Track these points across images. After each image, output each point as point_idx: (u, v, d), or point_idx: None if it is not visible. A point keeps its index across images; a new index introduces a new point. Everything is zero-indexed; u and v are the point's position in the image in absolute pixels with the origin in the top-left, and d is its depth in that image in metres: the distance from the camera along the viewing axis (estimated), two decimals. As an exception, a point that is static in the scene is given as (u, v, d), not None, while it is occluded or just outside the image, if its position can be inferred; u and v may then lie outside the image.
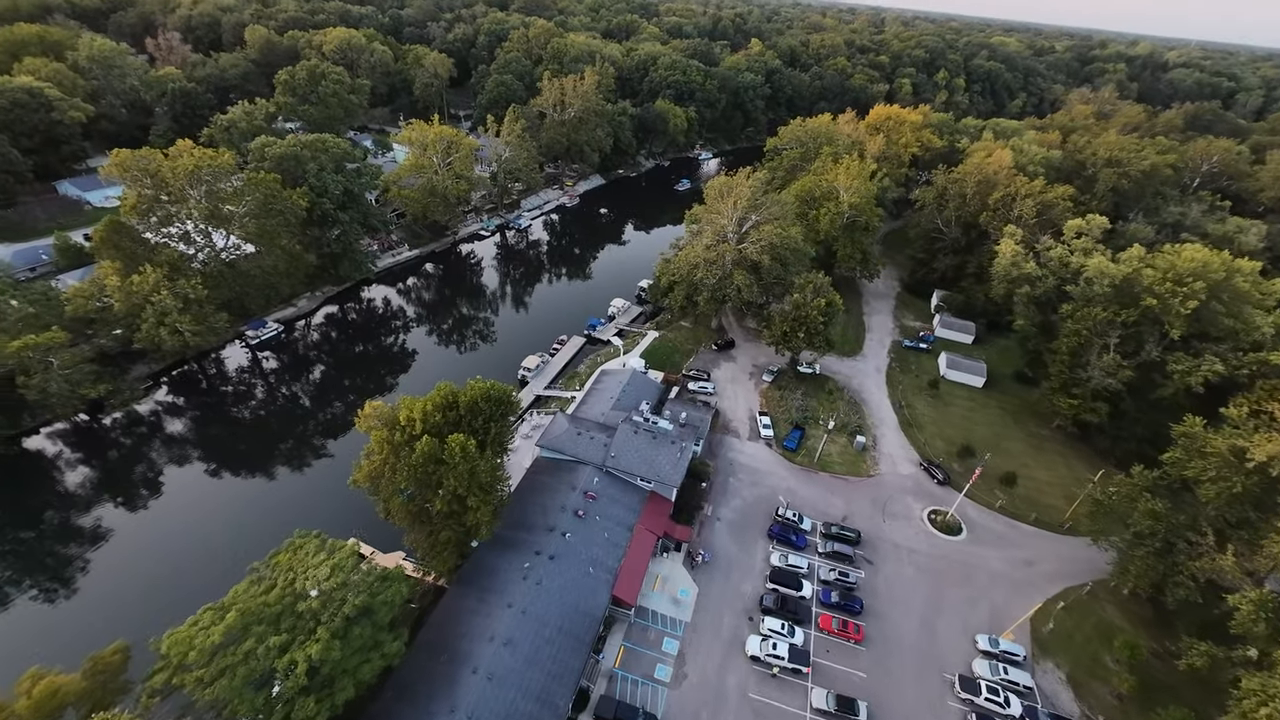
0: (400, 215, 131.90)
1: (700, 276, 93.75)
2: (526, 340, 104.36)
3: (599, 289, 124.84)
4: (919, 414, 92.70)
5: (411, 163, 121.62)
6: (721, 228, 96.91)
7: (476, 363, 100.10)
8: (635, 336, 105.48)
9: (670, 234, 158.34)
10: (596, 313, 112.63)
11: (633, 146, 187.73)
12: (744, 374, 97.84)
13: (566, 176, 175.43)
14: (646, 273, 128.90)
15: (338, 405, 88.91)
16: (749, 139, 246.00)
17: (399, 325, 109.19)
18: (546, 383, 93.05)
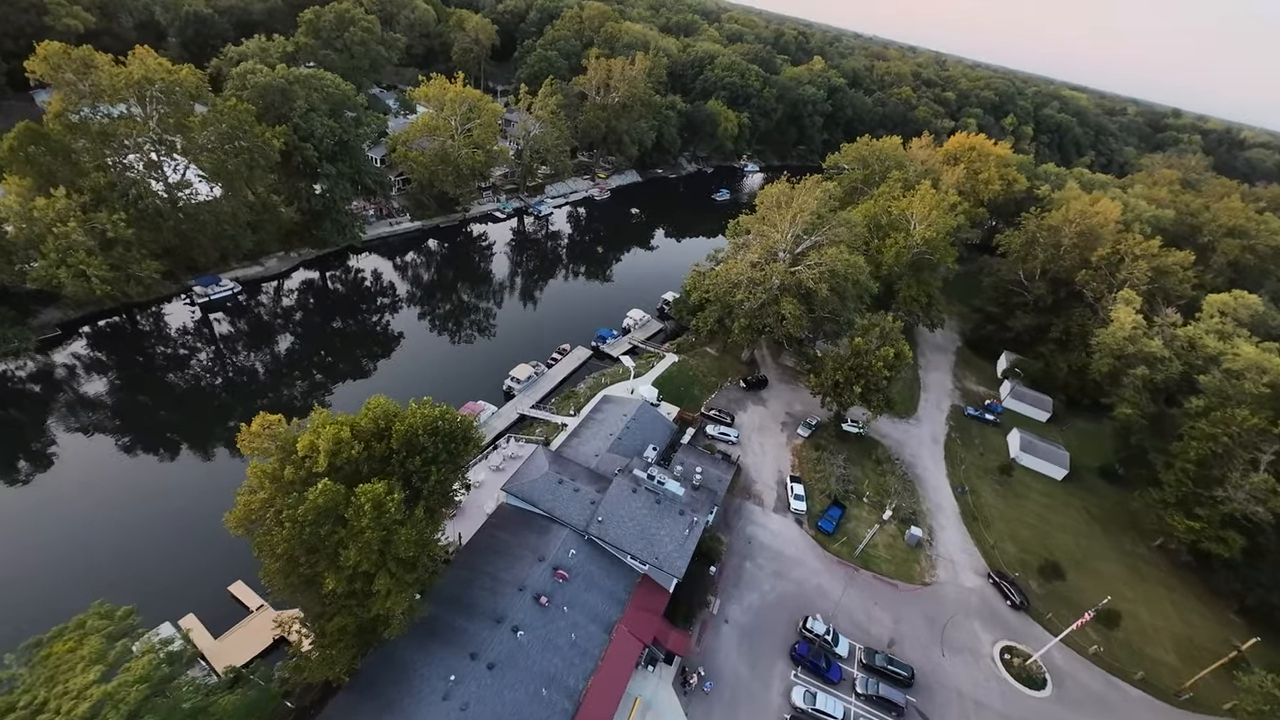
0: (405, 181, 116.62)
1: (740, 298, 76.93)
2: (523, 344, 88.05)
3: (616, 296, 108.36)
4: (985, 505, 74.74)
5: (425, 122, 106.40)
6: (773, 244, 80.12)
7: (460, 362, 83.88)
8: (650, 358, 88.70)
9: (702, 247, 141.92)
10: (609, 322, 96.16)
11: (676, 145, 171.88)
12: (775, 422, 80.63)
13: (600, 168, 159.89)
14: (672, 285, 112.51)
15: (284, 392, 73.09)
16: (799, 157, 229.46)
17: (382, 305, 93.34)
18: (536, 400, 76.54)
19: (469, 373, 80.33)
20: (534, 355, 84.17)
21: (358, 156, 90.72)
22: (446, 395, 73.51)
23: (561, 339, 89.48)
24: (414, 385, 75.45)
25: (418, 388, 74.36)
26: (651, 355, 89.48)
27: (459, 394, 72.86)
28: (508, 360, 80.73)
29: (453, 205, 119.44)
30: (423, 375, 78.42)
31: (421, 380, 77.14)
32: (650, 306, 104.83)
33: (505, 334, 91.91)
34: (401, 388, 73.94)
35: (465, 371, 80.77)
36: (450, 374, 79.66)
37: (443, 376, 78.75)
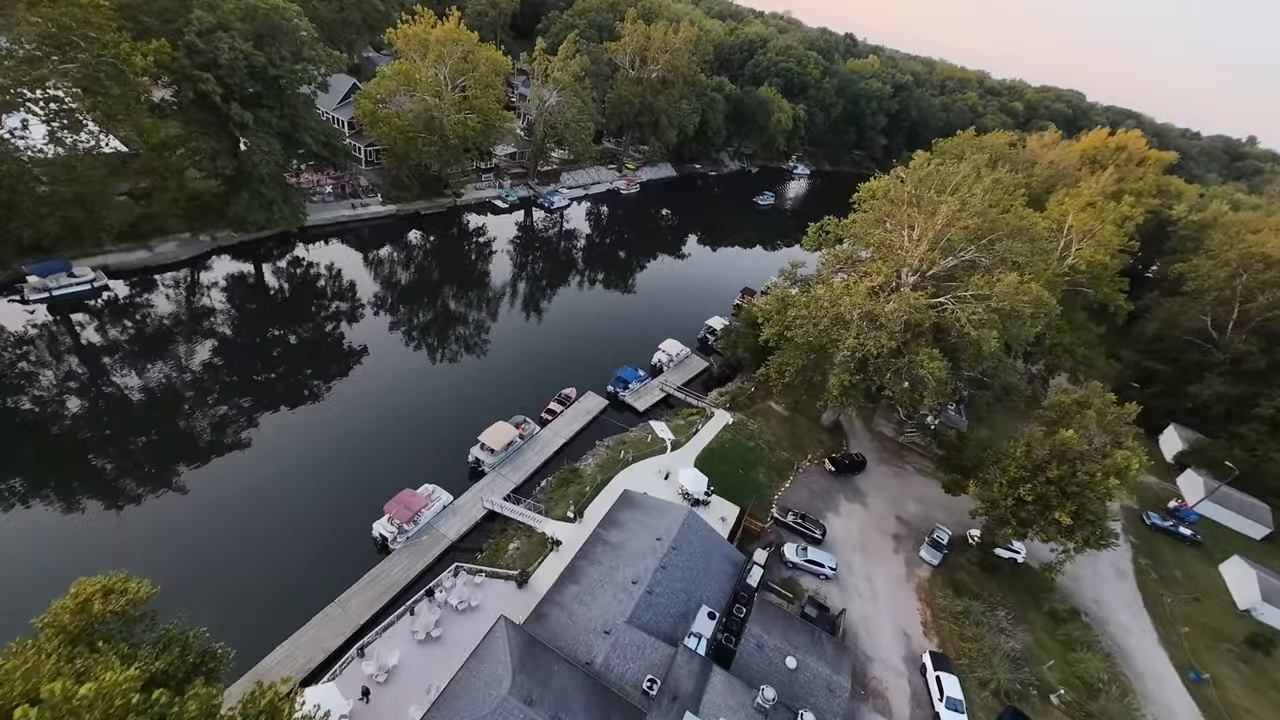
0: (378, 152, 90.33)
1: (850, 342, 48.44)
2: (512, 385, 60.84)
3: (645, 320, 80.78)
4: (1238, 709, 45.57)
5: (401, 70, 79.80)
6: (901, 262, 51.98)
7: (416, 413, 56.45)
8: (691, 416, 60.83)
9: (745, 260, 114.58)
10: (634, 358, 68.65)
11: (721, 137, 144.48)
12: (883, 535, 52.27)
13: (629, 157, 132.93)
14: (716, 306, 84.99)
15: (134, 448, 46.28)
16: (854, 163, 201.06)
17: (319, 318, 66.42)
18: (517, 482, 48.89)
19: (425, 431, 53.02)
20: (525, 405, 56.80)
21: (295, 106, 64.29)
22: (379, 472, 46.75)
23: (566, 379, 62.07)
24: (334, 450, 48.29)
25: (336, 457, 47.31)
26: (693, 412, 61.55)
27: (399, 469, 45.67)
28: (488, 412, 53.33)
29: (440, 188, 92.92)
30: (353, 433, 51.29)
31: (349, 441, 50.06)
32: (688, 336, 77.26)
33: (490, 369, 64.52)
34: (312, 457, 46.97)
35: (419, 429, 53.42)
36: (396, 433, 52.33)
37: (382, 437, 51.51)
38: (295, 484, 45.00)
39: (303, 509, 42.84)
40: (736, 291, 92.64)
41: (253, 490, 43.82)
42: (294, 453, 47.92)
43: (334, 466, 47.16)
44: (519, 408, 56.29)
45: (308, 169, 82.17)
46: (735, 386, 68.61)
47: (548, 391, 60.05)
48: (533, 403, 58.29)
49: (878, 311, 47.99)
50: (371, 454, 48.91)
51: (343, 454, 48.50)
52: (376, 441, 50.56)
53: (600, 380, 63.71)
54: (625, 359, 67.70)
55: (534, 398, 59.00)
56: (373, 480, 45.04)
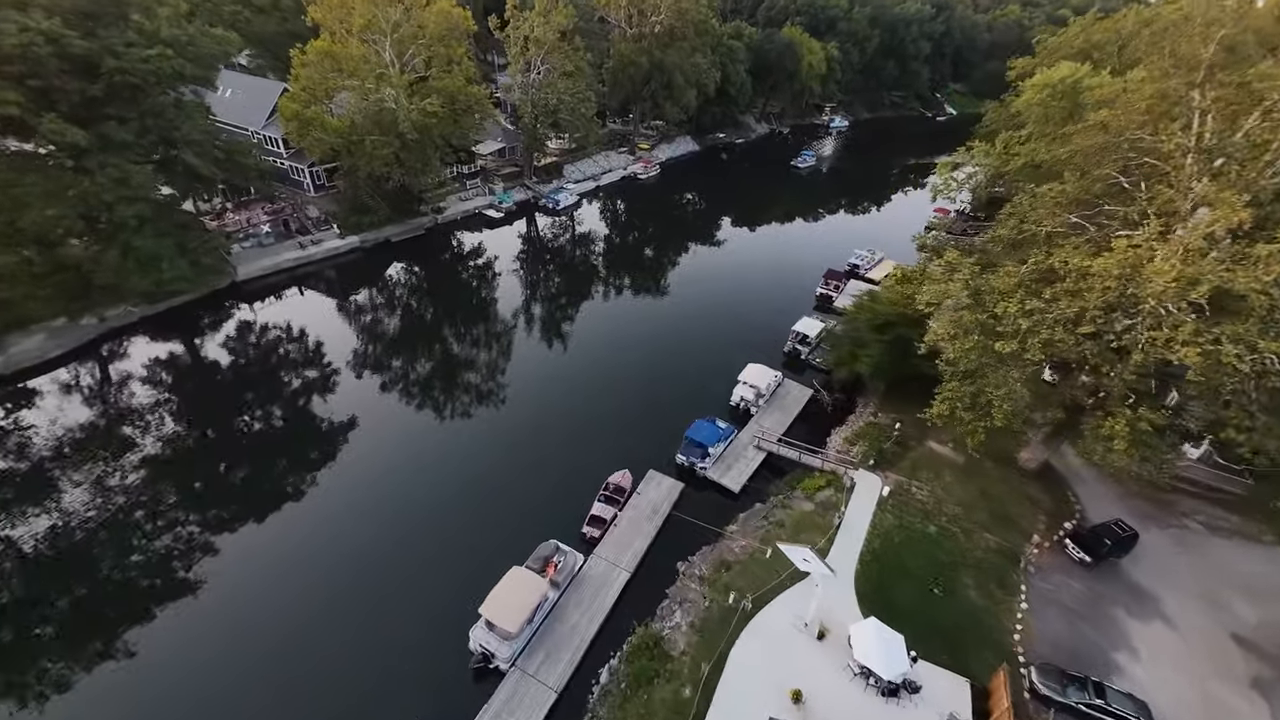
0: (329, 172, 70.22)
1: (1193, 355, 24.21)
2: (533, 480, 39.16)
3: (705, 339, 58.16)
4: None
5: (321, 50, 58.79)
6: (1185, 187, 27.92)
7: (370, 573, 35.10)
8: (819, 491, 37.81)
9: (804, 236, 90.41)
10: (705, 402, 46.23)
11: (745, 95, 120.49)
12: (1231, 685, 28.29)
13: (641, 136, 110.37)
14: (792, 304, 62.50)
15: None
16: (894, 106, 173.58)
17: (268, 397, 45.88)
18: (547, 704, 27.02)
19: (389, 600, 31.75)
20: (554, 511, 35.15)
21: (165, 115, 44.11)
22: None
23: (612, 458, 39.98)
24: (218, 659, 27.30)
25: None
26: (821, 482, 38.47)
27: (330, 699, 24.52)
28: (496, 537, 31.96)
29: (414, 205, 72.31)
30: (264, 610, 30.52)
31: (255, 632, 29.30)
32: (770, 351, 54.45)
33: (496, 453, 42.60)
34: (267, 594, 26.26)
35: (382, 600, 32.23)
36: (331, 616, 31.41)
37: (313, 630, 30.59)
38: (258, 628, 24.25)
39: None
40: (816, 278, 69.35)
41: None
42: (251, 584, 27.35)
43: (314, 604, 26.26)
44: (545, 521, 34.53)
45: (236, 205, 62.51)
46: (866, 423, 45.16)
47: (588, 484, 38.11)
48: (566, 507, 36.44)
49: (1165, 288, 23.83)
50: (305, 652, 27.82)
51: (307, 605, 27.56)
52: (317, 617, 29.43)
53: (664, 447, 41.44)
54: (693, 406, 45.20)
55: (567, 500, 37.12)
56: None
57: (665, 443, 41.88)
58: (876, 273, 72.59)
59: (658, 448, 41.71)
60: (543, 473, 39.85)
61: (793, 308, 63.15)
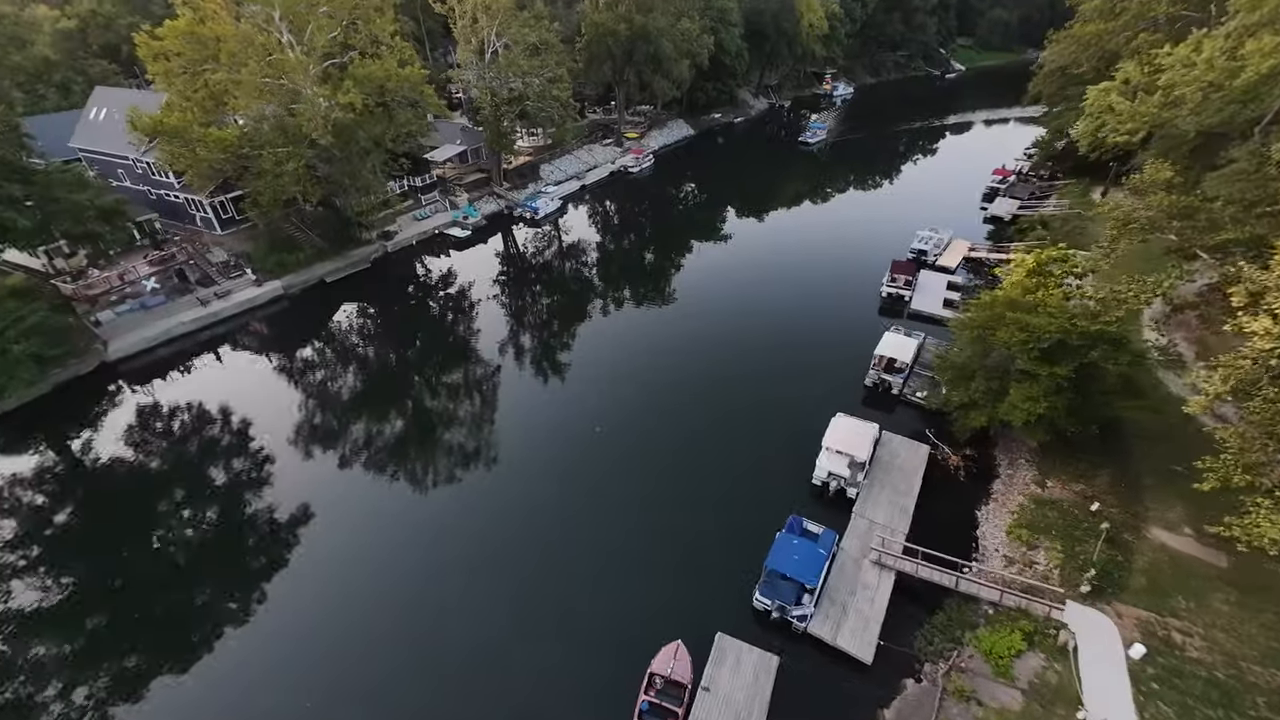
0: (235, 201, 54.29)
1: None
2: (520, 671, 23.55)
3: (750, 382, 42.22)
4: None
5: (181, 30, 43.00)
6: None
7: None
8: (1009, 653, 22.10)
9: (825, 222, 74.46)
10: (775, 482, 30.61)
11: (742, 64, 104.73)
12: None
13: (627, 123, 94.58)
14: (848, 317, 46.40)
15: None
16: (899, 67, 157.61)
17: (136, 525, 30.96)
18: None
19: None
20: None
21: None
22: None
23: (649, 612, 24.40)
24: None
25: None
26: (1006, 633, 22.68)
27: None
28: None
29: (355, 232, 56.56)
30: None
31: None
32: (842, 387, 38.86)
33: (473, 608, 27.25)
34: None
35: None
36: None
37: None
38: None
39: None
40: (871, 272, 53.96)
41: None
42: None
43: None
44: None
45: (101, 258, 46.61)
46: (1029, 499, 29.28)
47: (621, 666, 22.43)
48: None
49: None
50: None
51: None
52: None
53: (726, 579, 25.79)
54: (756, 493, 29.90)
55: (595, 684, 21.50)
56: None
57: (727, 569, 26.27)
58: (950, 258, 56.85)
59: (717, 582, 26.08)
60: (536, 654, 24.10)
61: (858, 317, 47.81)
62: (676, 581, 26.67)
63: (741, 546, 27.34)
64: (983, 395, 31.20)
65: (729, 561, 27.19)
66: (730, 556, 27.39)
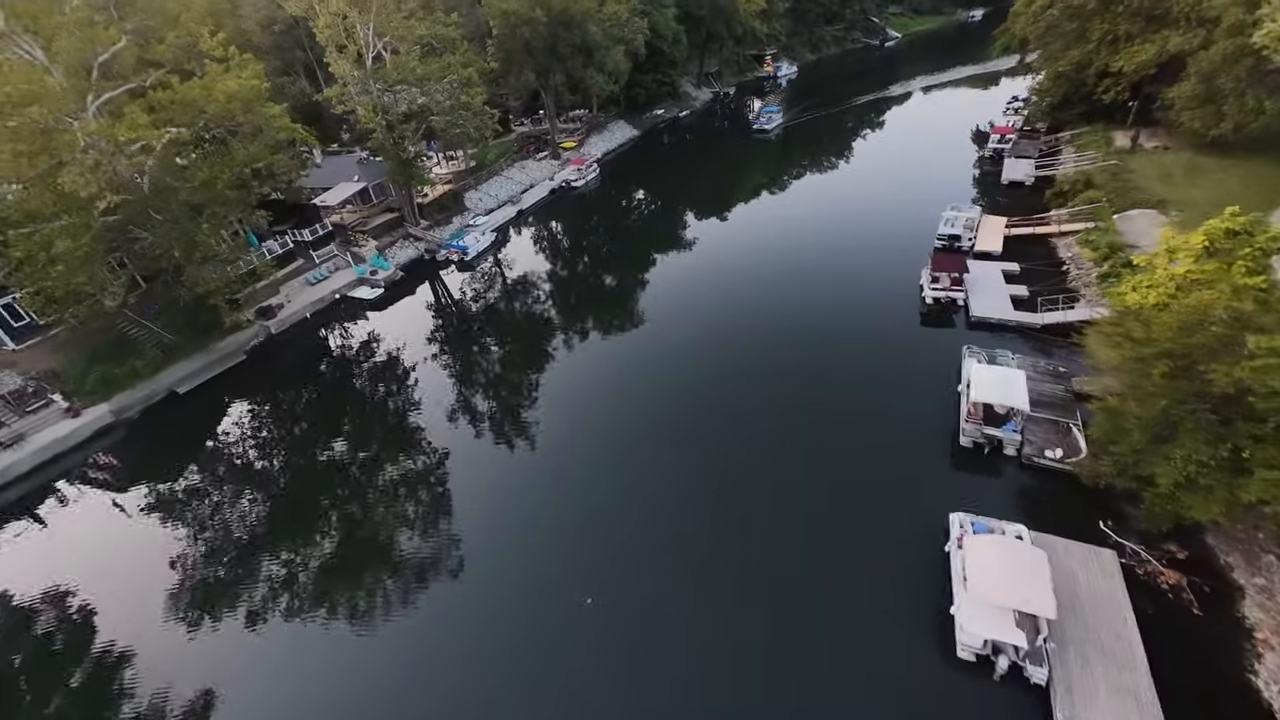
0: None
1: None
2: None
3: (794, 448, 29.46)
4: None
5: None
6: None
7: None
8: None
9: (808, 215, 62.59)
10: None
11: (681, 51, 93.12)
12: None
13: (562, 131, 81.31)
14: (877, 333, 33.52)
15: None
16: (838, 42, 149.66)
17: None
18: None
19: None
20: None
21: None
22: None
23: None
24: None
25: None
26: None
27: None
28: None
29: (217, 319, 41.25)
30: None
31: None
32: (936, 474, 26.24)
33: None
34: None
35: None
36: None
37: None
38: None
39: None
40: (905, 276, 42.33)
41: None
42: None
43: None
44: None
45: None
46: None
47: None
48: None
49: None
50: None
51: None
52: None
53: None
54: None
55: None
56: None
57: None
58: (989, 239, 45.60)
59: None
60: None
61: (899, 334, 35.89)
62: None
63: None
64: (1205, 468, 19.10)
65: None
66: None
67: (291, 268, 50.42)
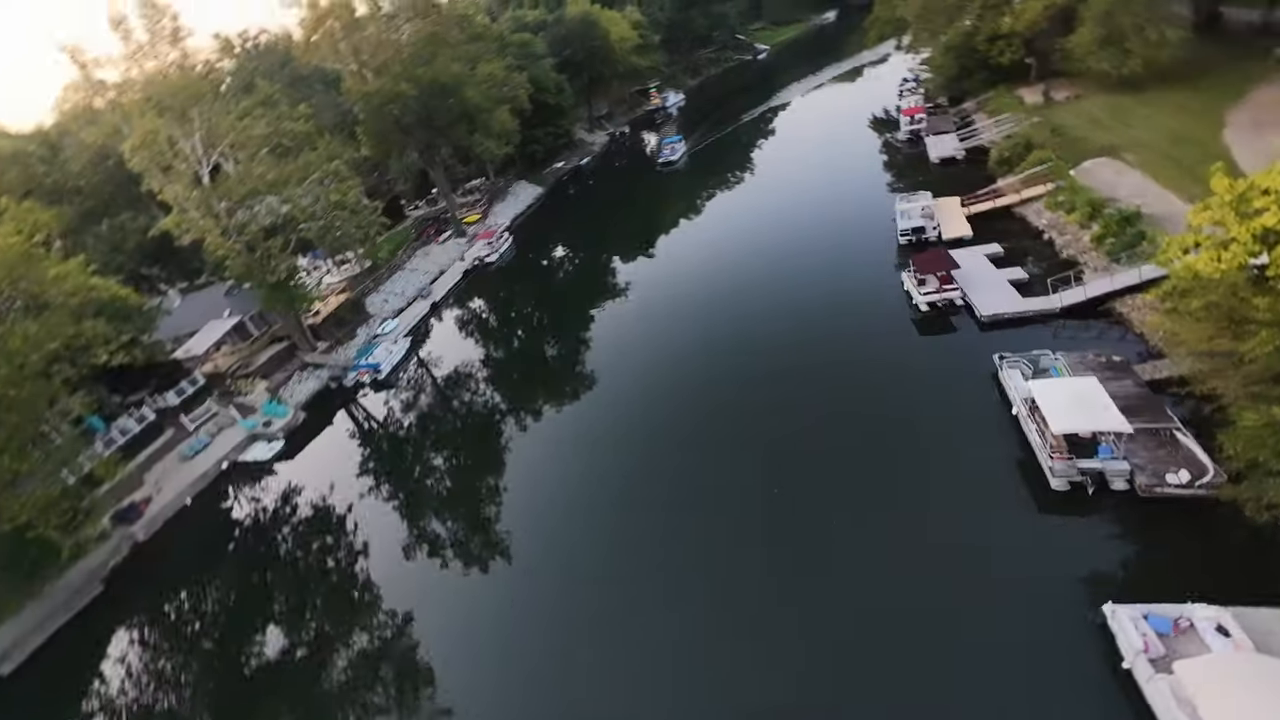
0: None
1: None
2: None
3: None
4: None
5: None
6: None
7: None
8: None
9: (744, 239, 57.65)
10: None
11: (568, 98, 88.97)
12: None
13: (462, 206, 74.21)
14: (879, 369, 27.53)
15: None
16: (715, 62, 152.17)
17: None
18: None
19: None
20: None
21: None
22: None
23: None
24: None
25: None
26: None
27: None
28: None
29: (50, 548, 30.49)
30: None
31: None
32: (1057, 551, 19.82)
33: None
34: None
35: None
36: None
37: None
38: None
39: None
40: (880, 286, 37.66)
41: None
42: None
43: None
44: None
45: None
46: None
47: None
48: None
49: None
50: None
51: None
52: None
53: None
54: None
55: None
56: None
57: None
58: (953, 225, 41.64)
59: None
60: None
61: (887, 357, 30.33)
62: None
63: None
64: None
65: None
66: None
67: (159, 443, 40.01)
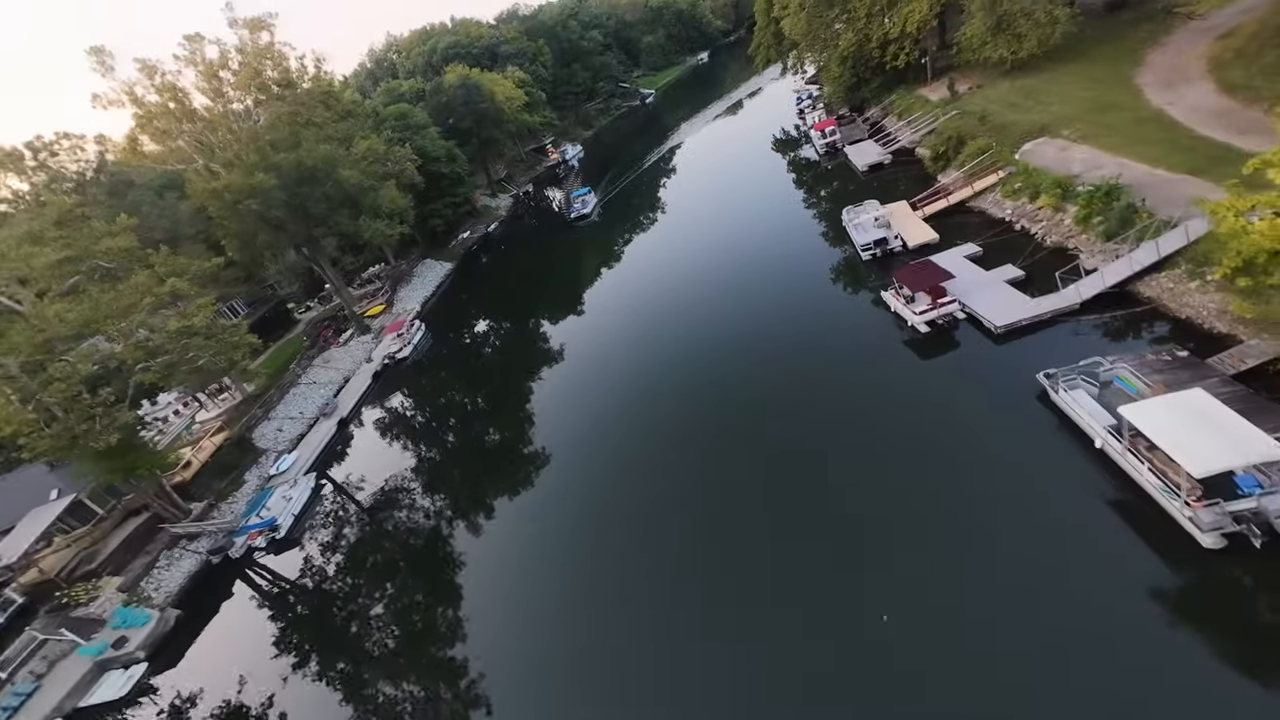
0: None
1: None
2: None
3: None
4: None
5: None
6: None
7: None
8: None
9: (681, 286, 52.55)
10: None
11: (463, 166, 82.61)
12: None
13: (361, 298, 65.05)
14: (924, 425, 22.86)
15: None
16: (604, 112, 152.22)
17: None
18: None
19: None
20: None
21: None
22: None
23: None
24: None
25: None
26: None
27: None
28: None
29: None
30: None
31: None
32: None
33: None
34: None
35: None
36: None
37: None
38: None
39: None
40: (865, 319, 32.73)
41: None
42: None
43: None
44: None
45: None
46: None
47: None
48: None
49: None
50: None
51: None
52: None
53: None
54: None
55: None
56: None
57: None
58: (913, 230, 37.92)
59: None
60: None
61: (900, 392, 24.96)
62: None
63: None
64: None
65: None
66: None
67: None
